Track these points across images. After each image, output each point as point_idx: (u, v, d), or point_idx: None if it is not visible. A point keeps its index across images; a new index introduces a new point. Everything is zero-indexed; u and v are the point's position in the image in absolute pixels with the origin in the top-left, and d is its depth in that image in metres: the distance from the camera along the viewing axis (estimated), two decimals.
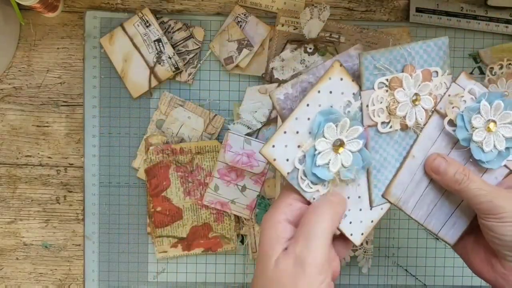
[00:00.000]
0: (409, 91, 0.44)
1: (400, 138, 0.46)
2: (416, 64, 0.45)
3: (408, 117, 0.45)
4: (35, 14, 0.61)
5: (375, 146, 0.45)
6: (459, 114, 0.45)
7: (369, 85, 0.44)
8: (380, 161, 0.45)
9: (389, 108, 0.44)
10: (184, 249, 0.63)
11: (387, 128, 0.45)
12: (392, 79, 0.44)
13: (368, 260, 0.63)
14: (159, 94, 0.62)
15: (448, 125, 0.46)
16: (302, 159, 0.43)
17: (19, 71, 0.62)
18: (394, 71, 0.44)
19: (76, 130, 0.63)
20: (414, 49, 0.44)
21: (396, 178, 0.46)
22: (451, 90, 0.46)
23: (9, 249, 0.64)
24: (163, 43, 0.61)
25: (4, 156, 0.63)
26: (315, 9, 0.59)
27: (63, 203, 0.63)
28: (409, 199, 0.46)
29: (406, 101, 0.44)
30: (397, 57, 0.44)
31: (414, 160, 0.46)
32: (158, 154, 0.61)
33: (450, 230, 0.48)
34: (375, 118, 0.44)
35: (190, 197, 0.62)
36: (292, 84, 0.43)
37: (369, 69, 0.43)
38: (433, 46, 0.45)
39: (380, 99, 0.44)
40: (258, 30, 0.61)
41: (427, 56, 0.45)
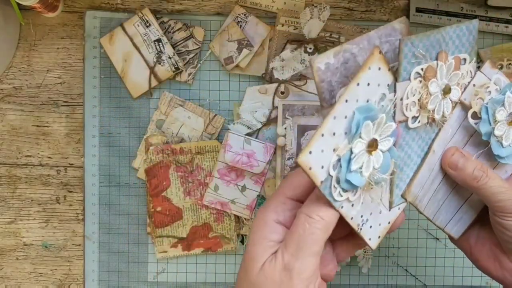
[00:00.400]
0: (441, 82, 0.40)
1: (425, 133, 0.42)
2: (449, 51, 0.41)
3: (436, 110, 0.41)
4: (35, 14, 0.61)
5: (402, 143, 0.41)
6: (483, 106, 0.42)
7: (406, 76, 0.39)
8: (404, 159, 0.41)
9: (421, 101, 0.40)
10: (184, 249, 0.63)
11: (416, 123, 0.41)
12: (427, 69, 0.39)
13: (368, 260, 0.63)
14: (159, 94, 0.62)
15: (471, 118, 0.43)
16: (337, 164, 0.37)
17: (19, 71, 0.62)
18: (429, 59, 0.40)
19: (76, 130, 0.63)
20: (449, 33, 0.40)
21: (417, 176, 0.43)
22: (476, 80, 0.43)
23: (9, 249, 0.64)
24: (163, 43, 0.61)
25: (4, 156, 0.63)
26: (315, 9, 0.59)
27: (63, 203, 0.63)
28: (424, 196, 0.44)
29: (437, 92, 0.40)
30: (433, 42, 0.40)
31: (434, 155, 0.43)
32: (158, 154, 0.61)
33: (456, 225, 0.46)
34: (407, 113, 0.40)
35: (190, 197, 0.62)
36: (335, 53, 0.37)
37: (408, 57, 0.39)
38: (465, 30, 0.41)
39: (414, 91, 0.39)
40: (258, 30, 0.61)
41: (458, 42, 0.41)
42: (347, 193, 0.38)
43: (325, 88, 0.37)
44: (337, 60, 0.37)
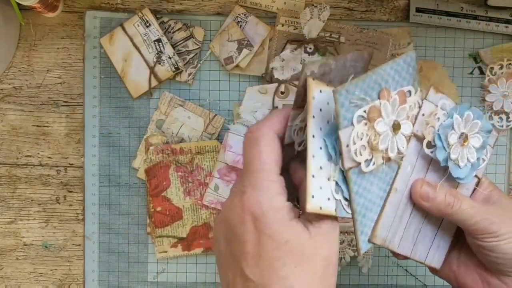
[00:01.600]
0: (388, 119, 0.40)
1: (383, 174, 0.41)
2: (390, 87, 0.40)
3: (390, 148, 0.40)
4: (35, 14, 0.61)
5: (359, 190, 0.40)
6: (435, 134, 0.42)
7: (347, 123, 0.38)
8: (365, 204, 0.40)
9: (371, 143, 0.39)
10: (184, 249, 0.63)
11: (370, 166, 0.40)
12: (370, 110, 0.39)
13: (368, 260, 0.63)
14: (159, 94, 0.62)
15: (426, 148, 0.42)
16: (337, 188, 0.39)
17: (19, 71, 0.62)
18: (370, 100, 0.39)
19: (76, 130, 0.63)
20: (386, 71, 0.40)
21: (381, 218, 0.42)
22: (424, 109, 0.42)
23: (9, 249, 0.64)
24: (163, 43, 0.61)
25: (4, 156, 0.63)
26: (315, 9, 0.59)
27: (63, 203, 0.63)
28: (394, 236, 0.43)
29: (387, 131, 0.40)
30: (370, 84, 0.39)
31: (397, 193, 0.42)
32: (158, 154, 0.61)
33: (436, 253, 0.46)
34: (357, 158, 0.39)
35: (190, 197, 0.62)
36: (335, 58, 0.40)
37: (345, 105, 0.38)
38: (402, 63, 0.41)
39: (360, 135, 0.39)
40: (258, 30, 0.61)
41: (398, 77, 0.41)
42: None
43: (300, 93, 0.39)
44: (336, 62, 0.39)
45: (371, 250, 0.63)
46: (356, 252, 0.63)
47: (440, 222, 0.45)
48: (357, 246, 0.41)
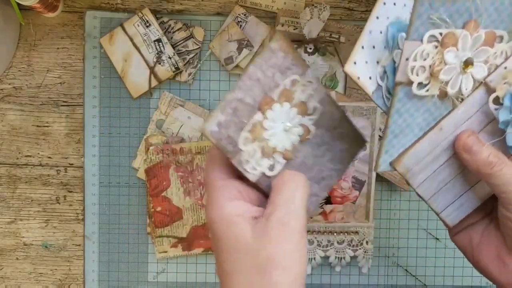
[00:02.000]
0: (462, 53, 0.37)
1: (434, 107, 0.39)
2: (481, 22, 0.37)
3: (451, 83, 0.38)
4: (35, 14, 0.61)
5: (401, 109, 0.38)
6: (508, 92, 0.38)
7: (416, 37, 0.36)
8: (402, 126, 0.39)
9: (433, 69, 0.36)
10: (184, 249, 0.63)
11: (423, 91, 0.38)
12: (447, 34, 0.36)
13: (368, 260, 0.63)
14: (159, 94, 0.62)
15: (492, 103, 0.39)
16: (383, 75, 0.38)
17: (19, 71, 0.62)
18: (452, 26, 0.36)
19: (76, 130, 0.63)
20: (485, 3, 0.36)
21: (412, 148, 0.40)
22: (510, 62, 0.39)
23: (9, 249, 0.64)
24: (163, 43, 0.61)
25: (4, 156, 0.63)
26: (315, 9, 0.59)
27: (63, 203, 0.63)
28: (420, 173, 0.41)
29: (455, 64, 0.37)
30: (460, 9, 0.36)
31: (440, 132, 0.40)
32: (158, 154, 0.61)
33: (454, 211, 0.44)
34: (412, 76, 0.37)
35: (190, 197, 0.62)
36: (222, 109, 0.38)
37: (422, 18, 0.35)
38: (508, 4, 0.37)
39: (425, 55, 0.36)
40: (258, 30, 0.61)
41: (496, 16, 0.37)
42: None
43: (225, 143, 0.39)
44: (225, 114, 0.38)
45: (371, 250, 0.63)
46: (355, 252, 0.63)
47: (474, 184, 0.43)
48: (376, 162, 0.40)
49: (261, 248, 0.37)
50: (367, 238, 0.63)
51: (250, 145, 0.39)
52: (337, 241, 0.63)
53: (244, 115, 0.39)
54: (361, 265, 0.64)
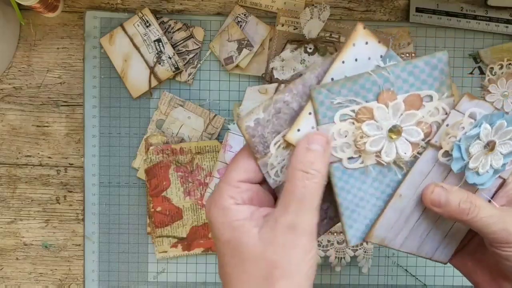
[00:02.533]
0: (385, 123, 0.37)
1: (381, 175, 0.40)
2: (396, 90, 0.37)
3: (385, 152, 0.38)
4: (35, 14, 0.61)
5: (345, 186, 0.39)
6: (455, 145, 0.39)
7: (327, 121, 0.37)
8: (355, 201, 0.39)
9: (356, 143, 0.37)
10: (184, 249, 0.63)
11: (357, 163, 0.38)
12: (360, 110, 0.37)
13: (368, 260, 0.63)
14: (159, 94, 0.62)
15: (442, 157, 0.40)
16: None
17: (19, 71, 0.62)
18: (363, 101, 0.37)
19: (76, 130, 0.63)
20: (394, 73, 0.37)
21: (379, 221, 0.41)
22: (451, 119, 0.39)
23: (9, 249, 0.64)
24: (163, 43, 0.61)
25: (4, 156, 0.63)
26: (315, 9, 0.59)
27: (63, 203, 0.63)
28: (397, 236, 0.42)
29: (381, 134, 0.37)
30: (366, 85, 0.37)
31: (401, 199, 0.41)
32: (158, 154, 0.61)
33: (444, 250, 0.44)
34: (338, 154, 0.37)
35: (190, 197, 0.62)
36: (265, 107, 0.37)
37: (325, 104, 0.36)
38: (423, 66, 0.37)
39: (343, 132, 0.37)
40: (258, 30, 0.61)
41: (414, 79, 0.37)
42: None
43: (257, 142, 0.38)
44: (267, 113, 0.37)
45: (371, 250, 0.63)
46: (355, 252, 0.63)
47: (453, 224, 0.43)
48: (345, 239, 0.40)
49: (268, 254, 0.36)
50: None
51: (280, 151, 0.38)
52: (337, 241, 0.63)
53: (285, 119, 0.38)
54: (361, 265, 0.64)
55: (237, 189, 0.38)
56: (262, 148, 0.38)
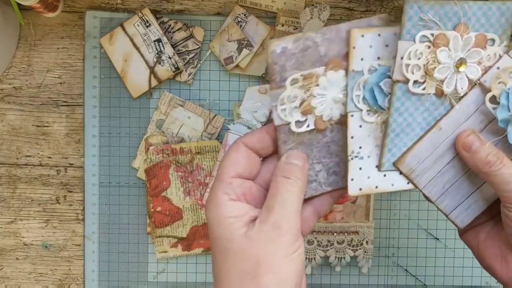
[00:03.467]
0: (454, 54, 0.39)
1: (433, 106, 0.41)
2: (470, 26, 0.39)
3: (446, 82, 0.39)
4: (35, 14, 0.61)
5: (400, 108, 0.40)
6: (504, 91, 0.39)
7: (409, 38, 0.39)
8: (402, 125, 0.41)
9: (427, 67, 0.39)
10: (184, 249, 0.63)
11: (419, 89, 0.39)
12: (438, 35, 0.38)
13: (368, 260, 0.63)
14: (159, 94, 0.62)
15: (489, 102, 0.40)
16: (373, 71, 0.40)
17: (19, 71, 0.62)
18: (443, 27, 0.38)
19: (76, 130, 0.63)
20: (472, 8, 0.39)
21: (414, 148, 0.41)
22: (502, 62, 0.40)
23: (9, 249, 0.64)
24: (163, 43, 0.61)
25: (4, 156, 0.63)
26: (315, 9, 0.60)
27: (63, 203, 0.63)
28: (424, 173, 0.42)
29: (449, 64, 0.39)
30: (449, 13, 0.38)
31: (440, 132, 0.41)
32: (158, 154, 0.61)
33: (463, 213, 0.44)
34: (407, 74, 0.39)
35: (190, 197, 0.62)
36: (295, 39, 0.38)
37: (412, 20, 0.38)
38: (495, 10, 0.39)
39: (418, 54, 0.39)
40: (258, 30, 0.61)
41: (485, 20, 0.39)
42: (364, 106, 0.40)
43: (277, 70, 0.38)
44: (295, 46, 0.38)
45: (371, 250, 0.63)
46: (355, 252, 0.63)
47: (480, 184, 0.43)
48: (380, 161, 0.41)
49: (252, 250, 0.37)
50: (367, 238, 0.63)
51: (295, 89, 0.39)
52: (337, 241, 0.63)
53: (309, 59, 0.39)
54: (361, 265, 0.64)
55: (230, 185, 0.40)
56: (279, 79, 0.39)
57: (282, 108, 0.39)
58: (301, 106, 0.39)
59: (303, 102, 0.39)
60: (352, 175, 0.41)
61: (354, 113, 0.40)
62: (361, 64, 0.40)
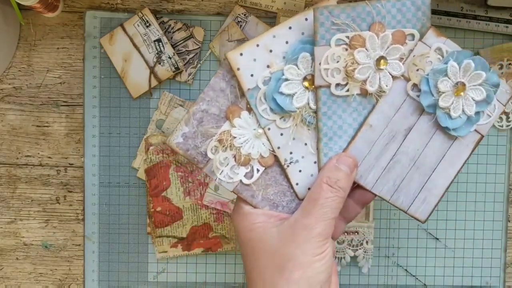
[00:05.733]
0: (373, 53, 0.40)
1: (361, 106, 0.41)
2: (386, 24, 0.40)
3: (369, 81, 0.40)
4: (35, 14, 0.61)
5: (328, 112, 0.41)
6: (423, 78, 0.40)
7: (324, 43, 0.39)
8: (334, 128, 0.41)
9: (347, 69, 0.39)
10: (184, 249, 0.63)
11: (343, 91, 0.40)
12: (354, 37, 0.39)
13: (368, 260, 0.63)
14: (159, 94, 0.62)
15: (412, 91, 0.41)
16: (268, 81, 0.40)
17: (19, 71, 0.62)
18: (357, 29, 0.39)
19: (76, 130, 0.63)
20: (385, 7, 0.39)
21: (349, 149, 0.42)
22: (417, 50, 0.41)
23: (9, 249, 0.64)
24: (163, 43, 0.61)
25: (4, 156, 0.63)
26: None
27: (63, 203, 0.63)
28: (368, 173, 0.42)
29: (369, 63, 0.40)
30: (362, 14, 0.39)
31: (371, 129, 0.42)
32: (158, 154, 0.61)
33: (421, 206, 0.44)
34: (328, 78, 0.40)
35: (190, 197, 0.62)
36: (186, 121, 0.40)
37: (325, 25, 0.39)
38: (410, 5, 0.40)
39: (336, 57, 0.39)
40: (258, 30, 0.61)
41: (401, 17, 0.40)
42: (275, 116, 0.41)
43: (194, 154, 0.41)
44: (191, 126, 0.40)
45: (371, 250, 0.63)
46: (355, 252, 0.63)
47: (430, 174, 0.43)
48: (318, 167, 0.42)
49: (284, 249, 0.40)
50: (367, 238, 0.63)
51: (220, 154, 0.40)
52: (337, 241, 0.63)
53: (211, 125, 0.41)
54: (361, 265, 0.64)
55: None
56: (201, 158, 0.41)
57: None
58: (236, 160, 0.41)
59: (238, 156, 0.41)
60: (295, 180, 0.42)
61: (269, 125, 0.41)
62: (253, 80, 0.40)
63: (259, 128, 0.41)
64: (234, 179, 0.41)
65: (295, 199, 0.43)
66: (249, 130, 0.41)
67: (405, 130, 0.42)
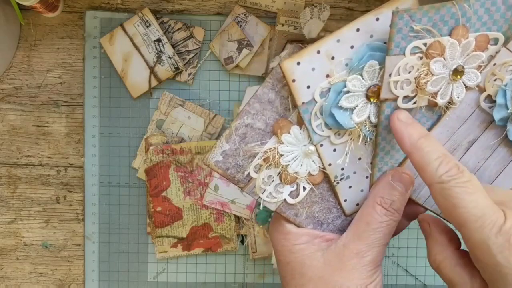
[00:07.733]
0: (451, 62, 0.34)
1: (424, 118, 0.37)
2: (470, 27, 0.34)
3: (441, 93, 0.35)
4: (35, 14, 0.61)
5: (389, 126, 0.36)
6: (500, 89, 0.35)
7: (398, 52, 0.34)
8: (392, 142, 0.37)
9: (418, 81, 0.34)
10: (184, 249, 0.63)
11: (410, 103, 0.35)
12: (432, 45, 0.33)
13: None
14: (159, 94, 0.62)
15: (484, 102, 0.36)
16: (326, 93, 0.35)
17: (19, 71, 0.62)
18: (438, 34, 0.33)
19: (76, 130, 0.63)
20: (473, 7, 0.33)
21: (404, 164, 0.38)
22: (499, 58, 0.35)
23: (9, 249, 0.64)
24: (163, 43, 0.61)
25: (4, 156, 0.63)
26: (315, 9, 0.59)
27: (63, 203, 0.63)
28: (422, 188, 0.39)
29: (443, 73, 0.34)
30: (445, 17, 0.33)
31: None
32: (158, 154, 0.61)
33: None
34: (396, 91, 0.34)
35: (190, 197, 0.62)
36: (227, 138, 0.36)
37: (402, 31, 0.33)
38: (500, 4, 0.34)
39: (409, 67, 0.34)
40: (258, 30, 0.61)
41: (488, 17, 0.34)
42: (329, 131, 0.36)
43: (234, 172, 0.36)
44: (232, 143, 0.36)
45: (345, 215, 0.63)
46: None
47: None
48: (370, 180, 0.39)
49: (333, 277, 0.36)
50: None
51: (264, 172, 0.36)
52: None
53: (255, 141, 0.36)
54: None
55: None
56: (242, 177, 0.37)
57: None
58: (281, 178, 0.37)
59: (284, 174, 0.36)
60: (344, 196, 0.39)
61: (323, 142, 0.37)
62: (309, 93, 0.35)
63: (310, 145, 0.36)
64: (278, 199, 0.37)
65: (341, 215, 0.40)
66: (299, 147, 0.36)
67: (468, 142, 0.38)
